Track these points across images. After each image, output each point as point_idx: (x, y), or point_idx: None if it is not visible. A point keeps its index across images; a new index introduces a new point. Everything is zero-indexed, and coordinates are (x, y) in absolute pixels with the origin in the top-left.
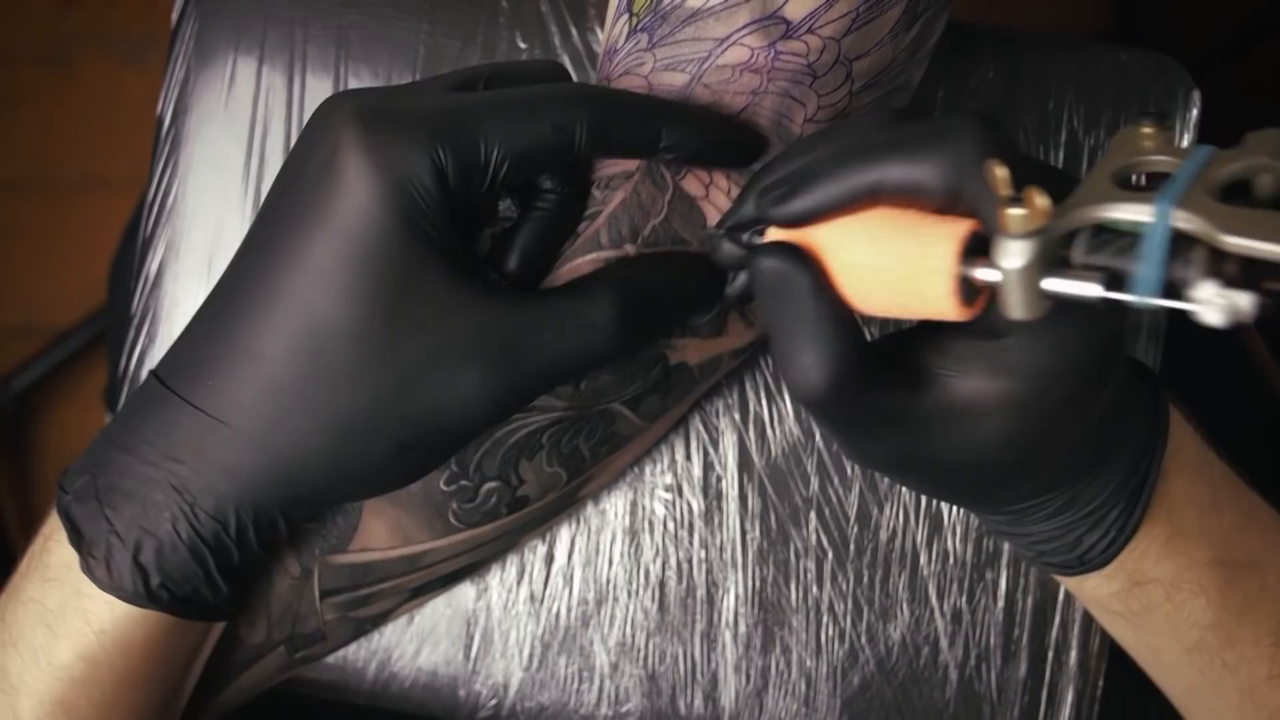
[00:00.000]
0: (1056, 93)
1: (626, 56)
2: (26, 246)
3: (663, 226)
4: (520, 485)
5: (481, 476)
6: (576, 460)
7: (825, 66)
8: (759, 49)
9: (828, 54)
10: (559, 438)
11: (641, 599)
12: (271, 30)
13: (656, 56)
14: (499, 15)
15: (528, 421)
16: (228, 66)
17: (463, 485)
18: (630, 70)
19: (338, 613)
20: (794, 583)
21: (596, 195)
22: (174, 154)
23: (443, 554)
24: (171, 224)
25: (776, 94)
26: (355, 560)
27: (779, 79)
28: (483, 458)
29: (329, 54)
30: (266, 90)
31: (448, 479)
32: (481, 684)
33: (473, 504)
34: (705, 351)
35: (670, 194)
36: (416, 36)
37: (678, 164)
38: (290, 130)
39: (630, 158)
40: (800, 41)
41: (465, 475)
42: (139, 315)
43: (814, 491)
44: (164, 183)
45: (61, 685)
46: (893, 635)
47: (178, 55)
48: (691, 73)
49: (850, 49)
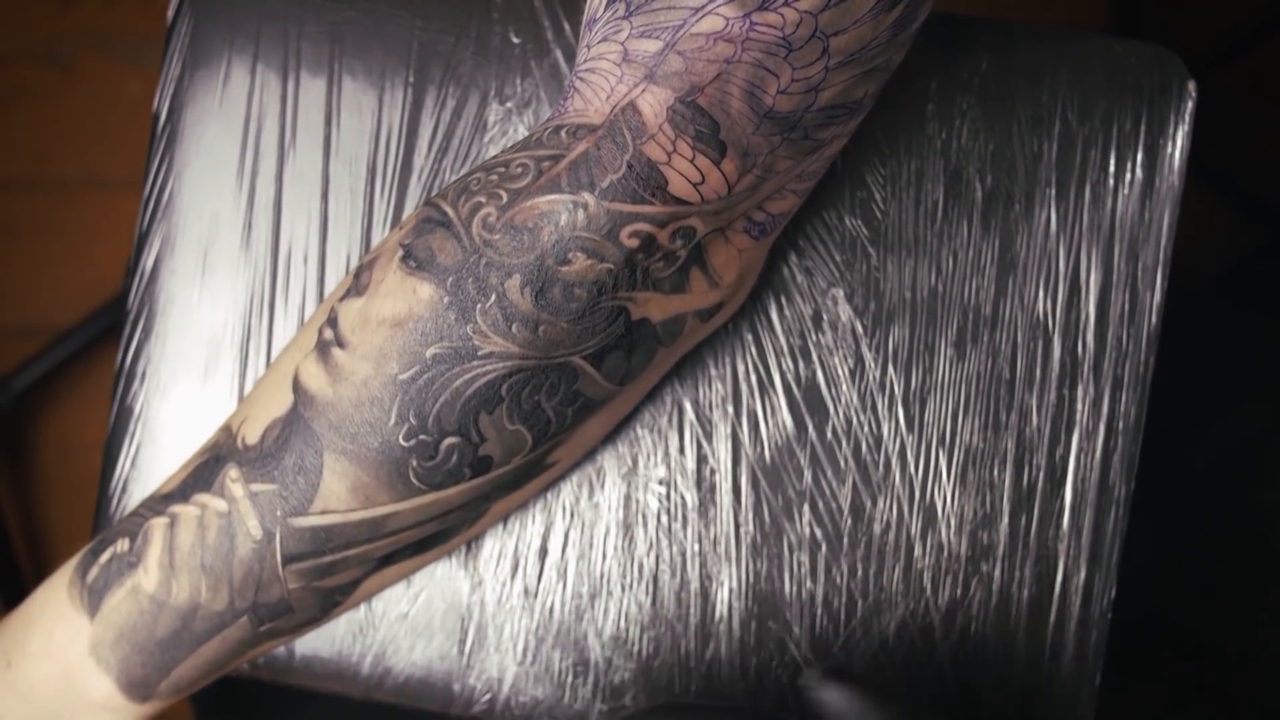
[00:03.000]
0: (1050, 84)
1: (605, 25)
2: (26, 246)
3: (621, 183)
4: (482, 443)
5: (440, 429)
6: (540, 420)
7: (801, 40)
8: (734, 19)
9: (804, 28)
10: (518, 390)
11: (635, 592)
12: (266, 27)
13: (633, 24)
14: (492, 10)
15: (485, 369)
16: (223, 64)
17: (421, 440)
18: (608, 38)
19: (302, 581)
20: (788, 576)
21: (563, 139)
22: (169, 150)
23: (407, 519)
24: (167, 220)
25: (750, 64)
26: (317, 523)
27: (753, 49)
28: (440, 409)
29: (323, 51)
30: (261, 87)
31: (406, 433)
32: (476, 678)
33: (433, 462)
34: (667, 308)
35: (630, 154)
36: (410, 32)
37: None
38: (284, 126)
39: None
40: (776, 14)
41: (424, 429)
42: (135, 310)
43: (807, 484)
44: (159, 179)
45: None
46: (887, 629)
47: (173, 53)
48: (665, 39)
49: (828, 24)
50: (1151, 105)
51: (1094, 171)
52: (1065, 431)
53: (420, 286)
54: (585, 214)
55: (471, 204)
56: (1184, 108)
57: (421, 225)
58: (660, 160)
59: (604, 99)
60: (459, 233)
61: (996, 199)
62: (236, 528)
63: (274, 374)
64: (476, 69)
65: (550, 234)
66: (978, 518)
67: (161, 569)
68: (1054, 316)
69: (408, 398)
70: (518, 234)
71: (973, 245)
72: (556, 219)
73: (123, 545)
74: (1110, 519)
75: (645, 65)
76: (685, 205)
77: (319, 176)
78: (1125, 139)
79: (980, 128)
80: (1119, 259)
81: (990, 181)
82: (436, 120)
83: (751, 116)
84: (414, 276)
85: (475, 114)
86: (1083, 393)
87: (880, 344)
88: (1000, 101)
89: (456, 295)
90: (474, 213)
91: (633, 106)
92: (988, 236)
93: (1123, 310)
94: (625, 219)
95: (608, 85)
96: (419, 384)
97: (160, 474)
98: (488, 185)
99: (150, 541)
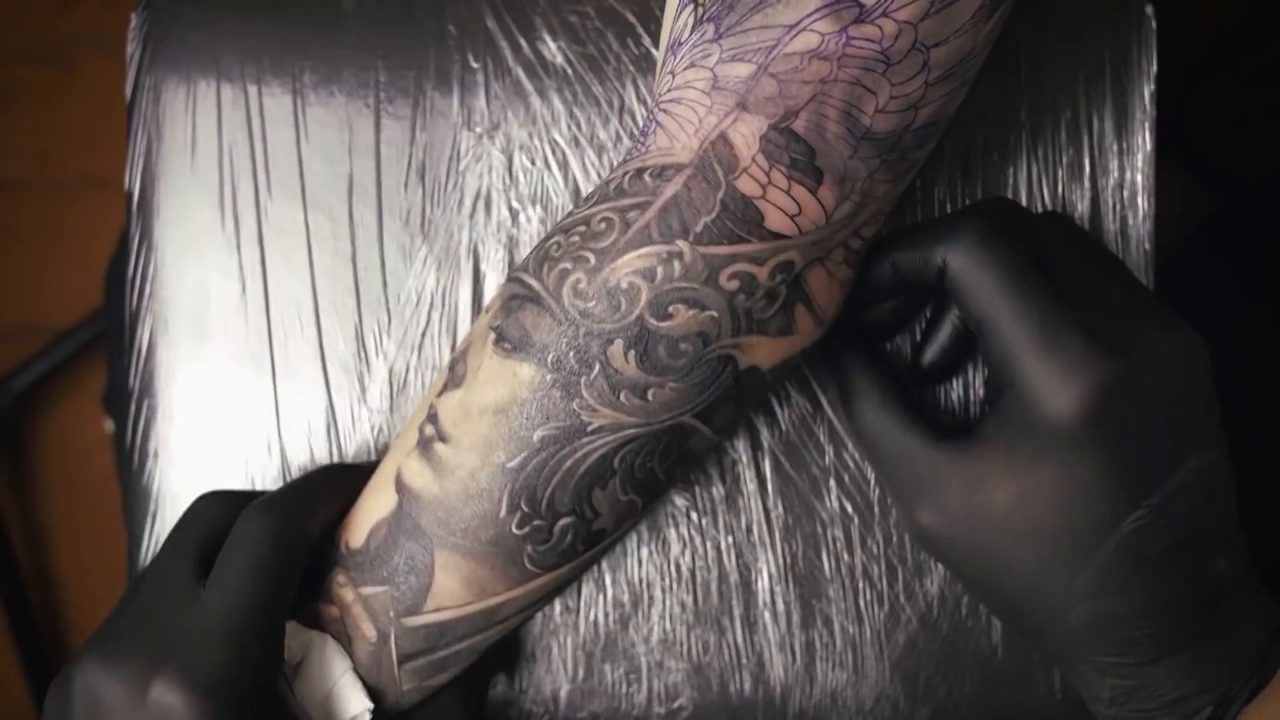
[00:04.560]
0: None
1: (692, 49)
2: (26, 246)
3: (716, 224)
4: (595, 518)
5: (554, 514)
6: (652, 484)
7: (900, 53)
8: (830, 35)
9: (903, 39)
10: (631, 461)
11: (677, 593)
12: (225, 88)
13: (723, 47)
14: (447, 39)
15: (596, 444)
16: (188, 130)
17: (536, 526)
18: (695, 63)
19: (415, 681)
20: (825, 553)
21: (648, 183)
22: (147, 225)
23: (519, 604)
24: (156, 296)
25: (847, 82)
26: (431, 620)
27: (850, 66)
28: (553, 492)
29: (285, 104)
30: (230, 148)
31: (519, 521)
32: (531, 702)
33: (548, 544)
34: (775, 353)
35: (723, 192)
36: (370, 72)
37: None
38: (258, 185)
39: None
40: (874, 25)
41: (537, 514)
42: (137, 389)
43: (830, 460)
44: (142, 256)
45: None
46: (930, 590)
47: (137, 127)
48: (758, 62)
49: (927, 34)
50: (1113, 34)
51: (1066, 108)
52: None
53: (520, 368)
54: (681, 264)
55: (558, 271)
56: (1144, 32)
57: (509, 304)
58: (754, 195)
59: (691, 133)
60: (550, 305)
61: (974, 149)
62: (351, 632)
63: (376, 478)
64: (440, 99)
65: (647, 291)
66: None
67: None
68: None
69: (518, 485)
70: (613, 297)
71: (959, 198)
72: (653, 274)
73: None
74: None
75: (736, 92)
76: (783, 239)
77: (301, 230)
78: (1092, 72)
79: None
80: (1103, 190)
81: (966, 132)
82: (409, 157)
83: (849, 139)
84: (511, 359)
85: (447, 144)
86: None
87: None
88: None
89: (559, 371)
90: (562, 280)
91: (723, 139)
92: (970, 187)
93: (1115, 240)
94: (723, 261)
95: (696, 117)
96: (529, 470)
97: None
98: (570, 249)
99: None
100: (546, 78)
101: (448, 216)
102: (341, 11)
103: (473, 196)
